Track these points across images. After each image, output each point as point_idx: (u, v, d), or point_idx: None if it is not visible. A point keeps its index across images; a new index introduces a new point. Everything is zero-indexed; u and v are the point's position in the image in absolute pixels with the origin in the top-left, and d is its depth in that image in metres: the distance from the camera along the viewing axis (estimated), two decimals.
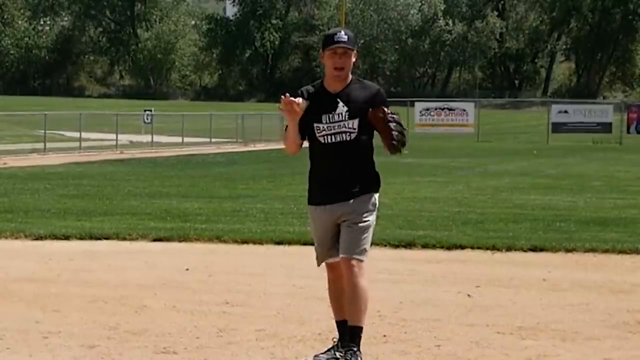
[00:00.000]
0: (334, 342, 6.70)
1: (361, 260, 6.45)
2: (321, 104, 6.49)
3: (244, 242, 12.69)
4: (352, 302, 6.47)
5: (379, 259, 11.48)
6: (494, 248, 12.20)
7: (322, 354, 6.66)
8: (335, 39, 6.47)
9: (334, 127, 6.47)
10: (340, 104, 6.47)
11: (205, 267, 10.79)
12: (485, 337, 7.51)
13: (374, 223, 6.60)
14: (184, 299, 8.90)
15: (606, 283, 9.96)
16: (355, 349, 6.45)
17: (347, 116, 6.46)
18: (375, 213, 6.61)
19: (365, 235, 6.49)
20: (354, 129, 6.47)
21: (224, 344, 7.27)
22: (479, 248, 12.26)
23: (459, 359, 6.93)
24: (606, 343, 7.39)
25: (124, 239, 13.00)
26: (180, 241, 12.85)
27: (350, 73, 6.53)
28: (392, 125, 6.40)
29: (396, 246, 12.41)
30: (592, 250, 12.09)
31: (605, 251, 12.03)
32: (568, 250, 12.10)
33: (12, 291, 9.28)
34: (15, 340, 7.32)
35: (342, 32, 6.51)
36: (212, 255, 11.76)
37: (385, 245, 12.43)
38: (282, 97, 6.41)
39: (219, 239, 12.87)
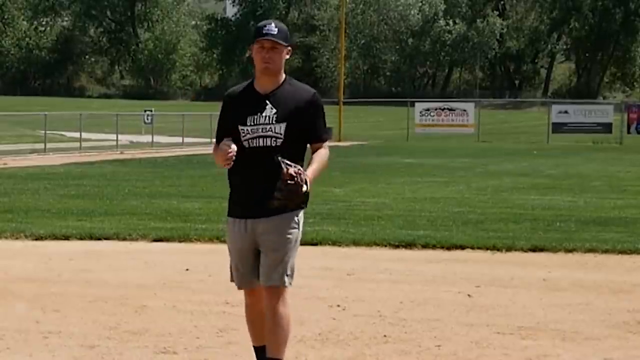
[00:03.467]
0: None
1: (284, 287, 5.81)
2: (248, 105, 5.84)
3: None
4: (273, 333, 5.85)
5: (379, 259, 11.51)
6: (494, 248, 12.20)
7: None
8: (264, 32, 5.73)
9: (258, 130, 5.77)
10: (269, 106, 5.79)
11: (205, 267, 10.79)
12: (485, 337, 7.51)
13: (298, 242, 5.92)
14: (184, 299, 8.90)
15: (606, 283, 9.96)
16: None
17: (274, 119, 5.77)
18: (299, 230, 5.89)
19: (287, 257, 5.80)
20: (280, 134, 5.76)
21: (224, 344, 7.27)
22: (479, 248, 12.26)
23: (459, 359, 6.93)
24: (606, 343, 7.40)
25: (124, 239, 12.99)
26: (180, 241, 12.85)
27: (282, 72, 5.86)
28: (283, 183, 5.62)
29: (396, 246, 12.41)
30: (592, 250, 12.09)
31: (605, 251, 12.03)
32: (568, 250, 12.10)
33: (12, 291, 9.28)
34: (15, 340, 7.33)
35: (272, 25, 5.79)
36: (212, 255, 11.75)
37: (385, 245, 12.44)
38: (223, 153, 5.73)
39: (219, 239, 12.85)
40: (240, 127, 5.81)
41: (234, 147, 5.74)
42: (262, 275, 5.82)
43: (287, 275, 5.81)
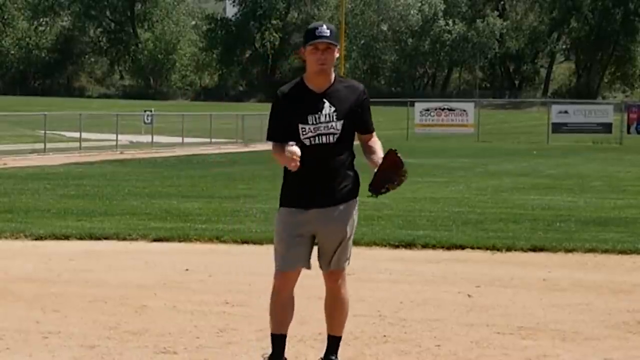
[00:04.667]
0: (264, 358, 6.48)
1: (345, 269, 6.43)
2: (306, 104, 6.11)
3: (244, 242, 12.68)
4: (337, 313, 6.51)
5: (379, 259, 11.50)
6: (494, 248, 12.20)
7: None
8: (317, 34, 6.01)
9: (320, 128, 6.09)
10: (327, 104, 6.10)
11: (205, 267, 10.79)
12: (485, 337, 7.51)
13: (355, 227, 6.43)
14: (184, 299, 8.90)
15: (606, 283, 9.96)
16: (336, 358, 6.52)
17: (334, 117, 6.11)
18: (357, 216, 6.39)
19: (350, 241, 6.36)
20: (338, 130, 6.13)
21: (224, 344, 7.27)
22: (479, 248, 12.26)
23: (459, 359, 6.93)
24: (606, 343, 7.39)
25: (124, 239, 13.00)
26: (180, 241, 12.85)
27: (332, 70, 6.17)
28: (397, 177, 6.14)
29: (396, 246, 12.41)
30: (592, 250, 12.09)
31: (605, 251, 12.03)
32: (568, 250, 12.10)
33: (12, 291, 9.27)
34: (15, 340, 7.32)
35: (325, 27, 6.06)
36: (212, 255, 11.76)
37: (385, 245, 12.44)
38: (289, 159, 6.00)
39: (219, 239, 12.87)
40: (300, 126, 6.11)
41: (298, 152, 6.00)
42: (327, 261, 6.34)
43: (348, 259, 6.40)
